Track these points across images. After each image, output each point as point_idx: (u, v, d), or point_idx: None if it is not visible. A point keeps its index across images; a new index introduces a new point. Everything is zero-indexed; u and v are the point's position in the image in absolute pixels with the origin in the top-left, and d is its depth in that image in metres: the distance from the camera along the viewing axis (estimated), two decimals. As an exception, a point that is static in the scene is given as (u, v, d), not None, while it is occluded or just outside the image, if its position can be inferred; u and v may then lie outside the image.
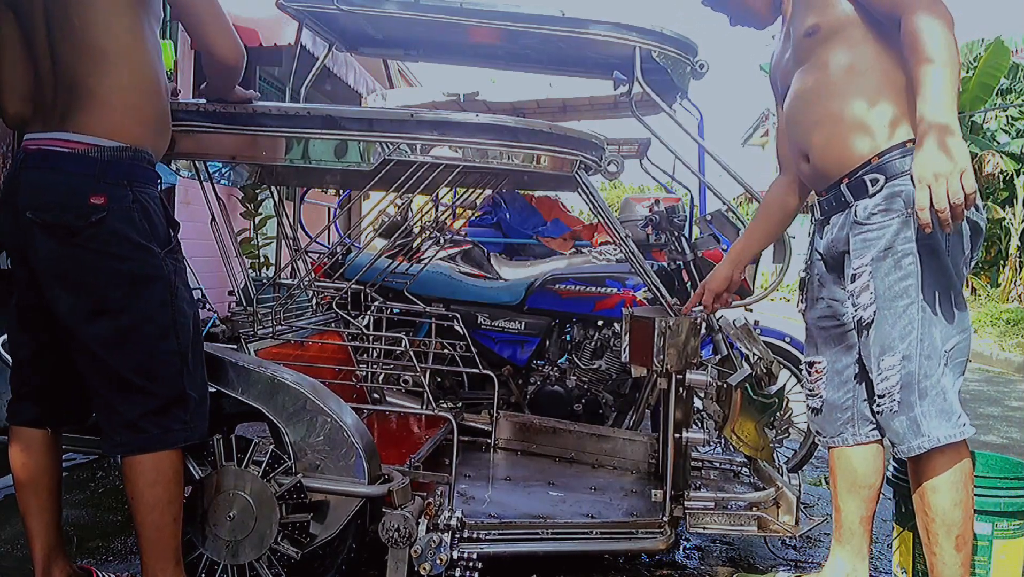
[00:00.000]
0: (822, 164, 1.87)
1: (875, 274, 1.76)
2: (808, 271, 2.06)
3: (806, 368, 2.08)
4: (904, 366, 1.73)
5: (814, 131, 1.86)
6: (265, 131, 1.98)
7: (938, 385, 1.73)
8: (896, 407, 1.75)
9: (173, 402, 1.69)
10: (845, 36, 1.80)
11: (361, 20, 2.55)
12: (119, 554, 2.32)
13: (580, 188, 2.18)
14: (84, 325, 1.64)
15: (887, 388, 1.76)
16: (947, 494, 1.73)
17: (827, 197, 1.91)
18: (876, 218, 1.76)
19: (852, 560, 2.03)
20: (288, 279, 2.93)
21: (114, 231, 1.61)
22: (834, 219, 1.90)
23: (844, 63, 1.80)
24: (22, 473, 1.79)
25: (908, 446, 1.75)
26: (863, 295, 1.78)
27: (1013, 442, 4.46)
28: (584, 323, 3.41)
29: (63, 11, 1.62)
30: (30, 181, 1.62)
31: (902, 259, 1.73)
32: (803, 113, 1.90)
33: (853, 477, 2.01)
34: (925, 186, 1.54)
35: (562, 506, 2.34)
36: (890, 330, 1.75)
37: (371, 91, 6.45)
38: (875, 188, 1.76)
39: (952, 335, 1.75)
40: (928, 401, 1.72)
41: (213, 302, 3.95)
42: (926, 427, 1.72)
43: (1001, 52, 12.10)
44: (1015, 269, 12.26)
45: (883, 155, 1.76)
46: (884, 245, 1.74)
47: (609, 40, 2.48)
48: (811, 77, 1.87)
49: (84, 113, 1.62)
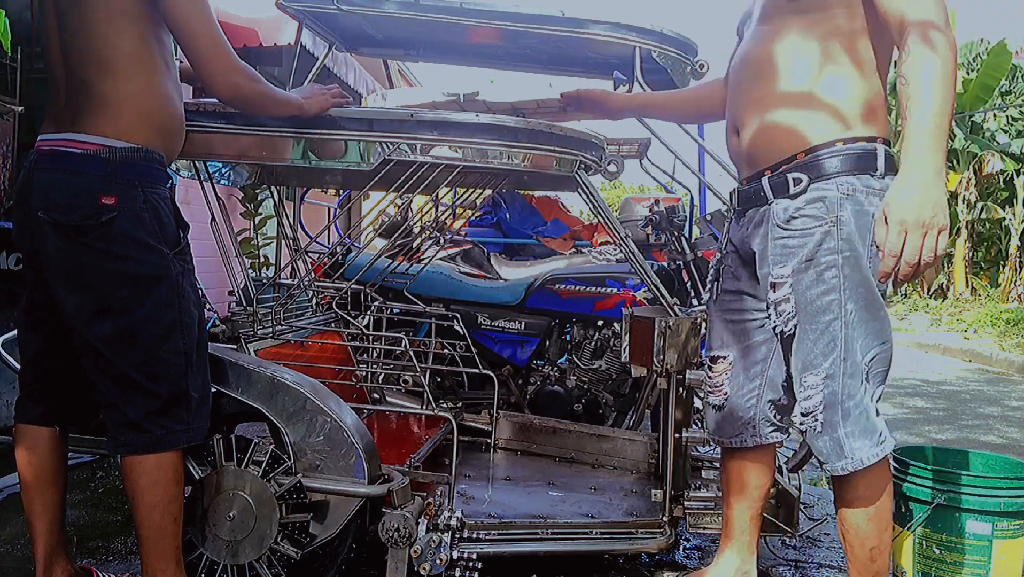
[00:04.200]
0: (751, 147, 1.76)
1: (796, 286, 1.68)
2: (721, 261, 1.97)
3: (708, 363, 1.97)
4: (827, 385, 1.68)
5: (753, 108, 1.75)
6: (265, 131, 1.98)
7: (861, 404, 1.69)
8: (820, 427, 1.71)
9: (175, 402, 1.69)
10: (826, 15, 1.66)
11: (361, 20, 2.55)
12: (119, 554, 2.32)
13: (580, 188, 2.18)
14: (90, 324, 1.65)
15: (810, 407, 1.71)
16: (861, 508, 1.72)
17: (747, 188, 1.80)
18: (797, 223, 1.67)
19: (742, 555, 2.00)
20: (288, 279, 2.93)
21: (124, 231, 1.62)
22: (750, 213, 1.80)
23: (810, 44, 1.67)
24: (27, 472, 1.80)
25: (832, 466, 1.72)
26: (784, 306, 1.71)
27: (1013, 442, 4.46)
28: (584, 323, 3.41)
29: (73, 20, 1.63)
30: (41, 181, 1.63)
31: (824, 272, 1.65)
32: (748, 82, 1.78)
33: (745, 479, 1.97)
34: (902, 232, 1.43)
35: (562, 506, 2.34)
36: (812, 346, 1.69)
37: (371, 91, 6.44)
38: (797, 188, 1.67)
39: (872, 347, 1.68)
40: (851, 421, 1.68)
41: (213, 302, 3.95)
42: (849, 448, 1.69)
43: (1003, 54, 12.11)
44: (1015, 269, 12.28)
45: (810, 152, 1.66)
46: (806, 256, 1.66)
47: (609, 40, 2.48)
48: (770, 44, 1.72)
49: (95, 115, 1.63)
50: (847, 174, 1.65)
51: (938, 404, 5.69)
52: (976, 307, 11.33)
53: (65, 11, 1.64)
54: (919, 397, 5.99)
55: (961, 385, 6.72)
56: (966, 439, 4.49)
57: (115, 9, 1.62)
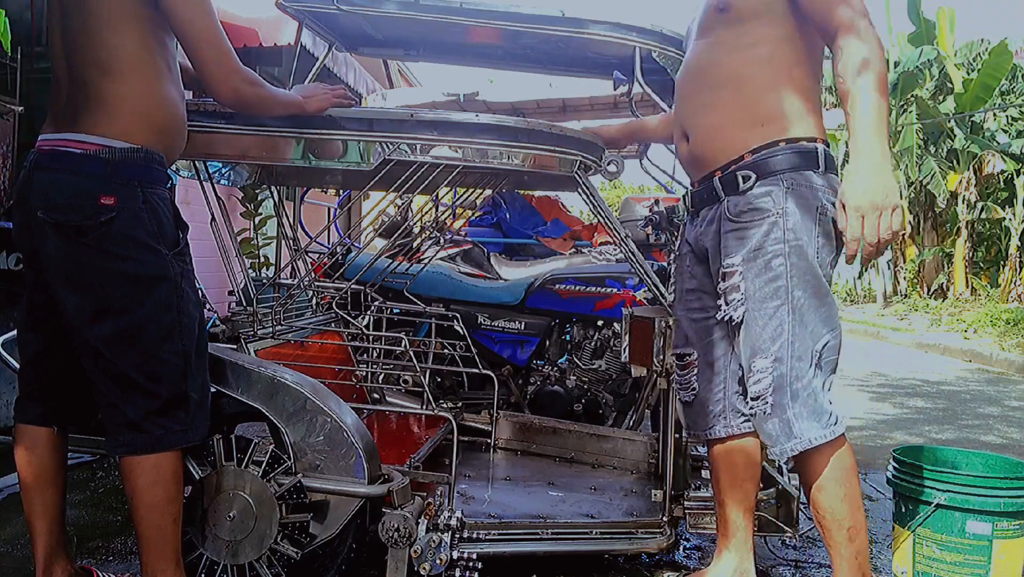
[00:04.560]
0: (700, 150, 1.86)
1: (745, 275, 1.77)
2: (679, 262, 2.06)
3: (676, 360, 2.04)
4: (776, 368, 1.75)
5: (699, 114, 1.85)
6: (265, 131, 1.98)
7: (810, 387, 1.74)
8: (769, 409, 1.77)
9: (173, 403, 1.69)
10: (755, 24, 1.76)
11: (361, 20, 2.55)
12: (119, 554, 2.32)
13: (580, 188, 2.18)
14: (89, 324, 1.65)
15: (760, 391, 1.77)
16: (831, 491, 1.76)
17: (699, 189, 1.90)
18: (746, 216, 1.76)
19: (739, 554, 2.01)
20: (288, 279, 2.93)
21: (123, 232, 1.62)
22: (704, 212, 1.90)
23: (746, 54, 1.77)
24: (27, 472, 1.80)
25: (781, 448, 1.77)
26: (733, 295, 1.79)
27: (1013, 442, 4.46)
28: (584, 323, 3.41)
29: (76, 21, 1.64)
30: (41, 181, 1.63)
31: (772, 260, 1.73)
32: (693, 91, 1.88)
33: (734, 470, 1.99)
34: (859, 216, 1.56)
35: (562, 506, 2.34)
36: (760, 332, 1.76)
37: (371, 91, 6.45)
38: (746, 185, 1.76)
39: (822, 334, 1.75)
40: (800, 403, 1.74)
41: (213, 302, 3.95)
42: (798, 429, 1.74)
43: (1004, 54, 12.11)
44: (1015, 269, 12.27)
45: (756, 152, 1.76)
46: (754, 245, 1.75)
47: (609, 40, 2.48)
48: (709, 56, 1.84)
49: (95, 115, 1.63)
50: (791, 171, 1.75)
51: (938, 404, 5.69)
52: (976, 307, 11.32)
53: (68, 11, 1.65)
54: (919, 397, 5.99)
55: (961, 385, 6.72)
56: (966, 439, 4.49)
57: (117, 11, 1.63)
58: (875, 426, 4.83)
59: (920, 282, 14.03)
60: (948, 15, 13.68)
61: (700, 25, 1.89)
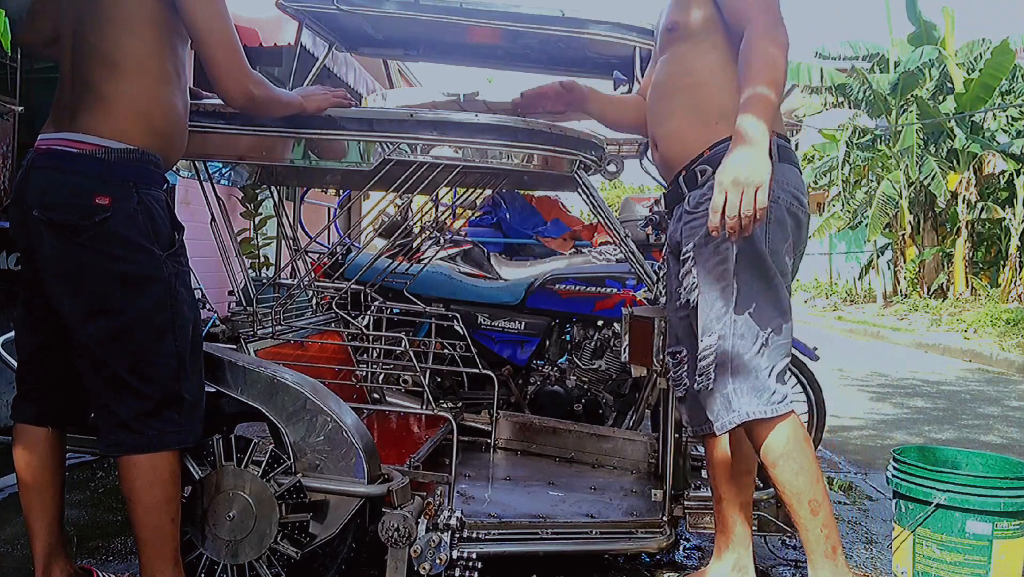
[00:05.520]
0: (668, 155, 1.95)
1: (697, 259, 1.84)
2: (666, 264, 2.11)
3: (670, 358, 2.09)
4: (719, 345, 1.80)
5: (663, 123, 1.95)
6: (265, 131, 1.98)
7: (751, 364, 1.78)
8: (711, 384, 1.82)
9: (166, 404, 1.69)
10: (699, 39, 1.89)
11: (361, 20, 2.55)
12: (119, 554, 2.32)
13: (580, 188, 2.18)
14: (83, 324, 1.65)
15: (704, 367, 1.83)
16: (784, 466, 1.79)
17: (670, 190, 1.99)
18: (702, 208, 1.82)
19: (737, 550, 2.04)
20: (288, 279, 2.93)
21: (117, 232, 1.62)
22: (676, 211, 1.97)
23: (695, 64, 1.90)
24: (25, 471, 1.79)
25: (721, 423, 1.82)
26: (687, 279, 1.87)
27: (1013, 442, 4.46)
28: (584, 323, 3.41)
29: (85, 20, 1.64)
30: (38, 180, 1.63)
31: (720, 244, 1.79)
32: (657, 104, 1.99)
33: (729, 463, 2.03)
34: (722, 191, 1.64)
35: (562, 506, 2.34)
36: (709, 312, 1.82)
37: (371, 91, 6.45)
38: (704, 178, 1.85)
39: (772, 317, 1.80)
40: (740, 379, 1.79)
41: (213, 302, 3.95)
42: (736, 403, 1.79)
43: (1006, 54, 12.09)
44: (1015, 269, 12.25)
45: (713, 148, 1.83)
46: (706, 232, 1.79)
47: (609, 40, 2.49)
48: (666, 70, 1.97)
49: (93, 115, 1.63)
50: None
51: (938, 404, 5.69)
52: (976, 307, 11.31)
53: (82, 11, 1.65)
54: (919, 397, 5.99)
55: (961, 385, 6.72)
56: (966, 439, 4.49)
57: (135, 12, 1.63)
58: (875, 426, 4.83)
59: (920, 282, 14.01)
60: (949, 15, 13.68)
61: (659, 47, 2.04)
